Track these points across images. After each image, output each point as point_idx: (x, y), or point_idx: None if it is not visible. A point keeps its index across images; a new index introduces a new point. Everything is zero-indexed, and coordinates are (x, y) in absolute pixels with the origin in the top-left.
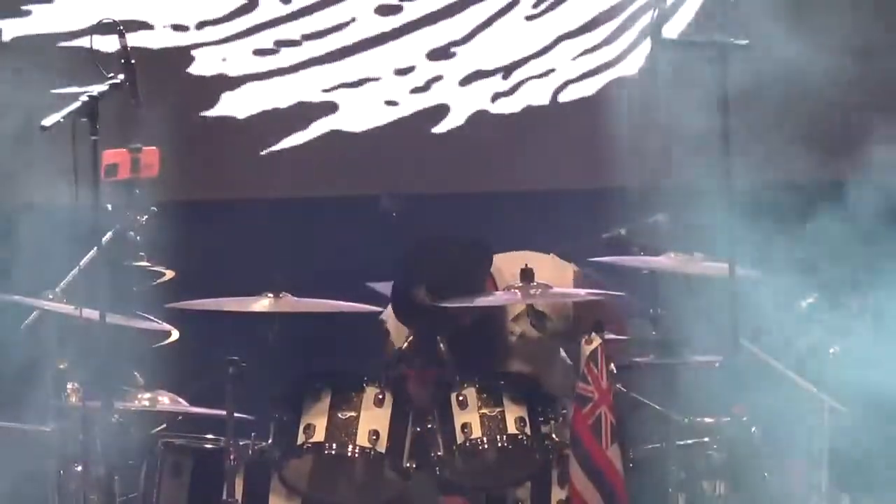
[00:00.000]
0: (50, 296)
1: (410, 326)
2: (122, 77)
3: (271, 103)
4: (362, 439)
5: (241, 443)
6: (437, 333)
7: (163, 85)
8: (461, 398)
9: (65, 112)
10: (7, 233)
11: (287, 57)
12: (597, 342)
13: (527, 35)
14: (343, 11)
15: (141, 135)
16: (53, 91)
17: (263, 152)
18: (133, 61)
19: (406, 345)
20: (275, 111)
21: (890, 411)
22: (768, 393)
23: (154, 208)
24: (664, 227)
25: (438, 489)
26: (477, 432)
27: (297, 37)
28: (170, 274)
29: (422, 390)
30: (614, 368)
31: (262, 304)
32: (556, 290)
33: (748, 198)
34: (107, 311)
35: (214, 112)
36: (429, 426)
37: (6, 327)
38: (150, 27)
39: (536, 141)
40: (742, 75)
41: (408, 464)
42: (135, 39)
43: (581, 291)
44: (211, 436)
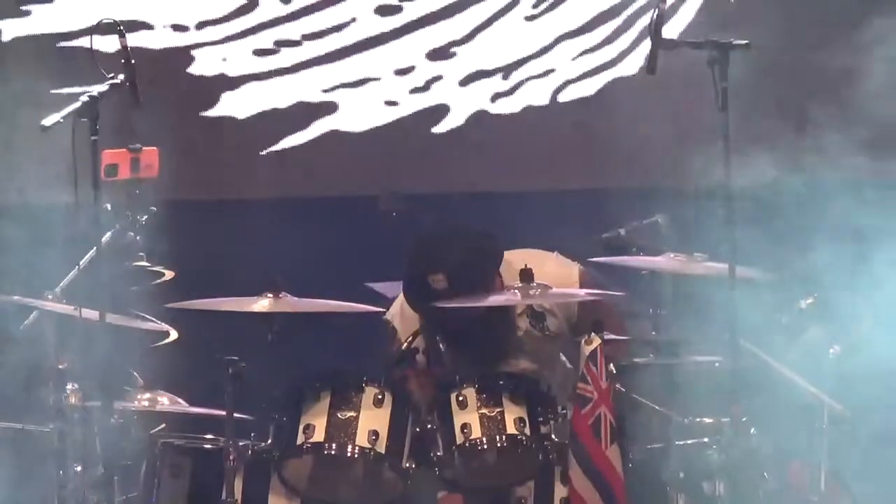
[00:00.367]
0: (49, 296)
1: (422, 314)
2: (122, 77)
3: (271, 103)
4: (362, 439)
5: (241, 443)
6: (449, 322)
7: (163, 85)
8: (461, 398)
9: (65, 112)
10: (7, 233)
11: (287, 57)
12: (596, 342)
13: (526, 35)
14: (343, 11)
15: (141, 135)
16: (53, 91)
17: (263, 152)
18: (133, 61)
19: (406, 345)
20: (275, 111)
21: (890, 411)
22: (768, 393)
23: (154, 208)
24: (663, 228)
25: (438, 489)
26: (476, 432)
27: (297, 37)
28: (169, 274)
29: (422, 390)
30: (614, 368)
31: (262, 304)
32: (556, 291)
33: (748, 198)
34: (106, 312)
35: (214, 112)
36: (428, 426)
37: (6, 327)
38: (151, 27)
39: (536, 141)
40: (742, 75)
41: (407, 464)
42: (135, 39)
43: (581, 291)
44: (210, 436)
